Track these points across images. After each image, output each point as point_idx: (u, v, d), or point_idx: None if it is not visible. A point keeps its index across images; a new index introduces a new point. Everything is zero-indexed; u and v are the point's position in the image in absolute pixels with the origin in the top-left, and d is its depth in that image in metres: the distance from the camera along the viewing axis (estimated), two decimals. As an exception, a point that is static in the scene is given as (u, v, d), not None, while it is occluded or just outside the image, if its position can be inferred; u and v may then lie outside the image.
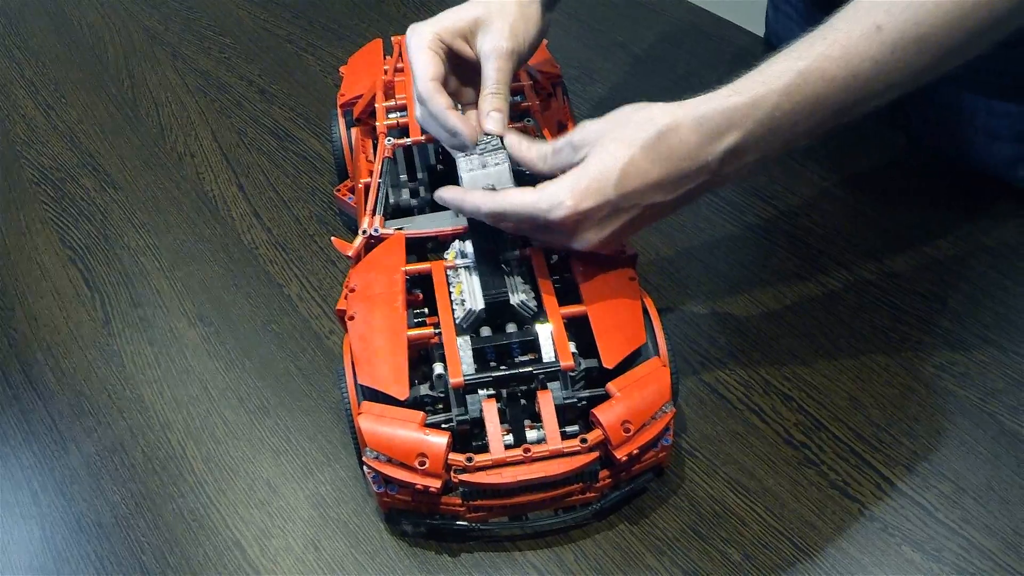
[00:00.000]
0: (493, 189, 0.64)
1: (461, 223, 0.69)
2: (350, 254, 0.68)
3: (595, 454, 0.59)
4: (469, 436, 0.61)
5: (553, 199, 0.59)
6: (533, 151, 0.64)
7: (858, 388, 0.70)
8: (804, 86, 0.56)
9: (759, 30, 1.05)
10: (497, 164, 0.65)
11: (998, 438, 0.66)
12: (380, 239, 0.68)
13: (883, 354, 0.72)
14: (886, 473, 0.65)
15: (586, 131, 0.61)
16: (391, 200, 0.73)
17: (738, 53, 1.03)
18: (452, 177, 0.75)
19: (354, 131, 0.81)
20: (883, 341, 0.73)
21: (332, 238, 0.71)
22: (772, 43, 1.03)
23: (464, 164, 0.66)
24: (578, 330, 0.63)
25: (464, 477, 0.58)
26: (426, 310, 0.66)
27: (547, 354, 0.61)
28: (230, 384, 0.74)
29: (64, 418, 0.72)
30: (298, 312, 0.79)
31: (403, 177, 0.76)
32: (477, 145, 0.66)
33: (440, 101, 0.66)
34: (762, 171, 0.59)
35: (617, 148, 0.59)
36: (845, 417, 0.68)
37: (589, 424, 0.60)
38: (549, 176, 0.62)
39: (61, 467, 0.69)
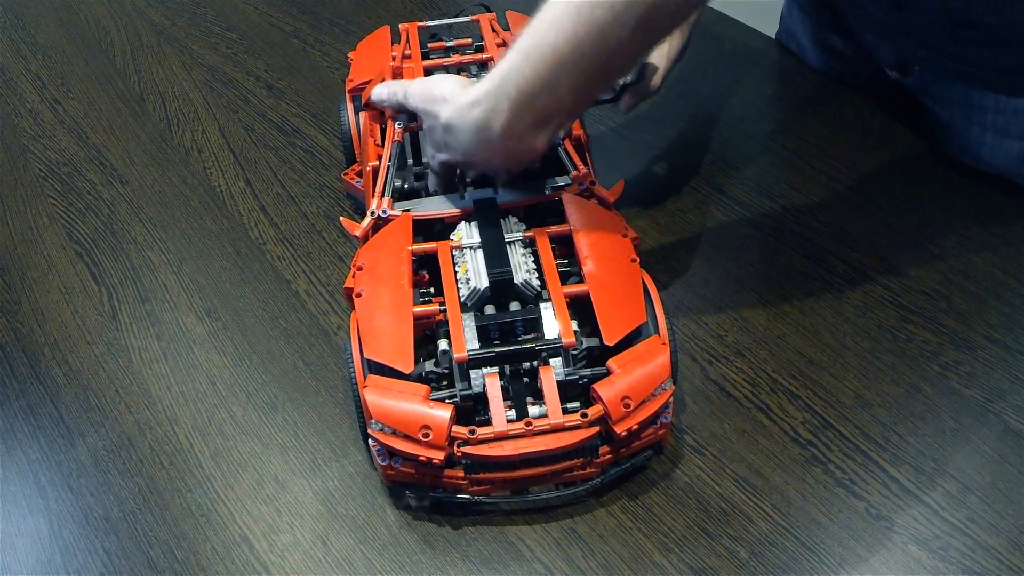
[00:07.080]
0: None
1: (468, 206, 0.70)
2: (358, 234, 0.70)
3: (595, 428, 0.60)
4: (472, 413, 0.62)
5: None
6: None
7: (864, 387, 0.70)
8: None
9: (768, 30, 1.05)
10: None
11: (1003, 437, 0.66)
12: (388, 220, 0.70)
13: (889, 353, 0.72)
14: (892, 472, 0.65)
15: None
16: (399, 183, 0.74)
17: (746, 53, 1.03)
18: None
19: (362, 116, 0.81)
20: (889, 340, 0.73)
21: (341, 218, 0.72)
22: (784, 41, 1.03)
23: None
24: (581, 312, 0.64)
25: (467, 449, 0.59)
26: (431, 290, 0.67)
27: (550, 331, 0.62)
28: (238, 379, 0.74)
29: (71, 412, 0.72)
30: (306, 308, 0.79)
31: (410, 161, 0.77)
32: None
33: None
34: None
35: None
36: (852, 416, 0.68)
37: (590, 403, 0.61)
38: None
39: (68, 461, 0.69)
